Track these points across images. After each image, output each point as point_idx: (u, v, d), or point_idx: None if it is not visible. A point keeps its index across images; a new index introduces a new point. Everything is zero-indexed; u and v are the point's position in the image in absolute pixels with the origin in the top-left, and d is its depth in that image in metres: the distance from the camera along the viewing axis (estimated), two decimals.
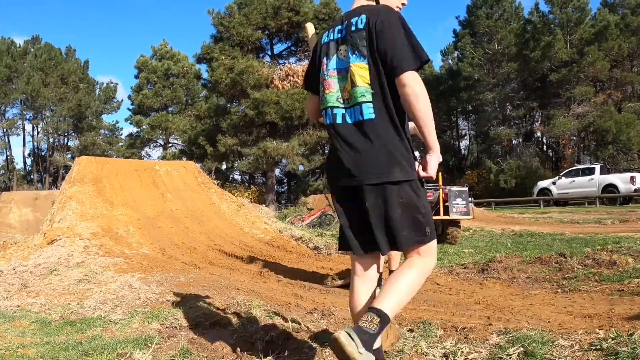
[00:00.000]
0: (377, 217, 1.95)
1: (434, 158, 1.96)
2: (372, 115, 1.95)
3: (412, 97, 1.86)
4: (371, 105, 1.95)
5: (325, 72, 2.08)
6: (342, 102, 2.03)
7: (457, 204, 8.07)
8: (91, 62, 52.35)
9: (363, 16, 1.98)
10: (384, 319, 1.83)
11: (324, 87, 2.09)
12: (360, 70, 1.96)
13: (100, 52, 78.37)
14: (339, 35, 2.06)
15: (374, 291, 2.10)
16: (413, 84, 1.86)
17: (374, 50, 1.93)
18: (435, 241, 2.02)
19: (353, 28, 2.00)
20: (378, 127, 1.94)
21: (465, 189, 8.58)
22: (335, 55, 2.06)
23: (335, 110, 2.04)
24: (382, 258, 2.19)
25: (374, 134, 1.94)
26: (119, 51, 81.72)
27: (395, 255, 3.68)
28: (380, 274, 2.17)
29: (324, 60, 2.09)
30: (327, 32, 2.14)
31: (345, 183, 2.01)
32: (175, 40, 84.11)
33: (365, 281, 2.09)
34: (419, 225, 1.96)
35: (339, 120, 2.03)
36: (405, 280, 1.94)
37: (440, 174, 9.27)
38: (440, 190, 8.24)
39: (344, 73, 2.01)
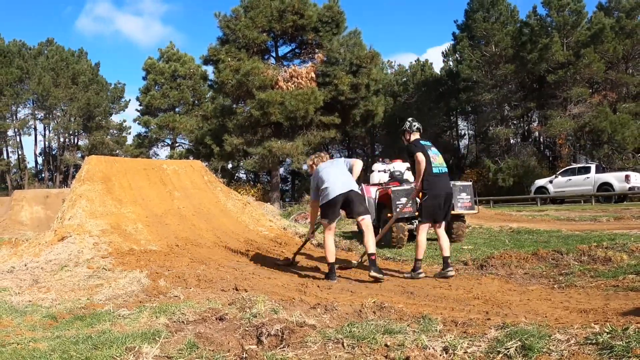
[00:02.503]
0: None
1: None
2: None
3: None
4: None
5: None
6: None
7: (462, 198, 8.01)
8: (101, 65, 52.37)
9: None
10: None
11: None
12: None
13: (105, 54, 78.82)
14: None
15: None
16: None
17: None
18: None
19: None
20: None
21: (470, 183, 8.53)
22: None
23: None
24: None
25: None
26: (121, 53, 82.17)
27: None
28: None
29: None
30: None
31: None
32: (181, 43, 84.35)
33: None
34: None
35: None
36: None
37: None
38: None
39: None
